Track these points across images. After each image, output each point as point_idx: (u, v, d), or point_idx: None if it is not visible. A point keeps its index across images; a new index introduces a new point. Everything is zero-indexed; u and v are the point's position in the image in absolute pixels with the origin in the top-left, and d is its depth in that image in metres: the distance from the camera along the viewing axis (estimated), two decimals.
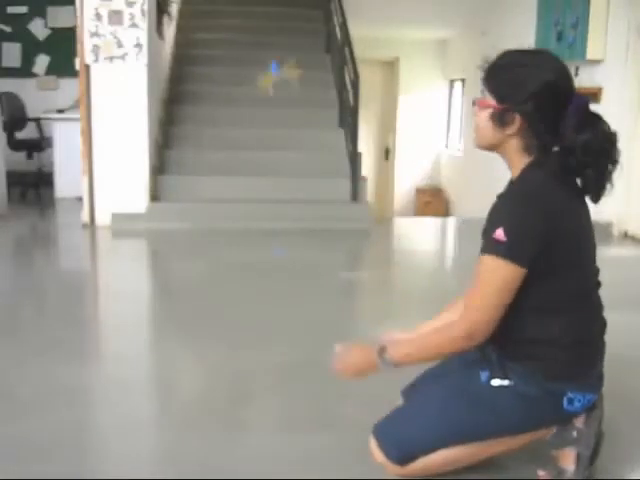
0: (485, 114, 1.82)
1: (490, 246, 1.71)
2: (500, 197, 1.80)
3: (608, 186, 1.80)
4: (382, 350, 1.82)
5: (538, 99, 1.74)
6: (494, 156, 1.89)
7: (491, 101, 1.81)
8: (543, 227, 1.70)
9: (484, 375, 1.85)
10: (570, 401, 1.80)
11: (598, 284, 1.90)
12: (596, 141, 1.75)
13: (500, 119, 1.79)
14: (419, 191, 10.49)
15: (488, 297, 1.71)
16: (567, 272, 1.77)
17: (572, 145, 1.72)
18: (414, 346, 1.84)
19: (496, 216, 1.73)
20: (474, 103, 1.87)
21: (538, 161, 1.78)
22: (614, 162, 1.80)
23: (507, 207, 1.75)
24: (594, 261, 1.88)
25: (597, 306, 1.89)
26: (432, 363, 2.00)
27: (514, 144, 1.80)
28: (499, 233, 1.67)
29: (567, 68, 1.81)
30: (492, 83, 1.83)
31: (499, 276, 1.70)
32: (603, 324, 1.90)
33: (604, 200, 1.85)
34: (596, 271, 1.89)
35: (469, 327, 1.72)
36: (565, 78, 1.79)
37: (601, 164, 1.77)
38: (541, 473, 1.91)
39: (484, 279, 1.72)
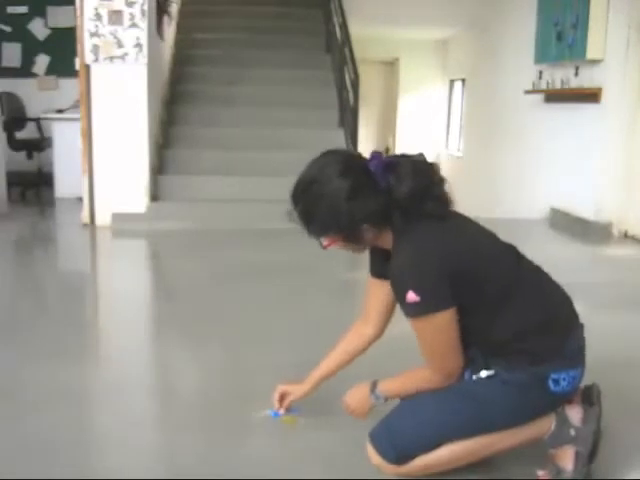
0: (341, 244, 1.89)
1: (410, 310, 1.79)
2: (393, 264, 1.84)
3: (450, 200, 1.86)
4: (373, 385, 1.98)
5: (355, 204, 1.77)
6: (494, 156, 1.89)
7: (333, 238, 1.87)
8: (443, 263, 1.76)
9: (467, 373, 1.89)
10: (556, 382, 1.82)
11: (521, 258, 1.93)
12: (414, 183, 1.79)
13: (354, 239, 1.87)
14: None
15: (438, 350, 1.82)
16: (491, 274, 1.83)
17: (400, 201, 1.78)
18: (402, 387, 1.96)
19: (399, 283, 1.80)
20: (323, 247, 1.92)
21: (397, 225, 1.82)
22: (440, 180, 1.85)
23: (403, 268, 1.80)
24: (504, 245, 1.93)
25: (539, 278, 1.93)
26: None
27: (372, 234, 1.86)
28: (410, 296, 1.75)
29: (341, 153, 1.90)
30: (317, 231, 1.87)
31: (433, 331, 1.80)
32: (561, 295, 1.93)
33: (604, 200, 1.87)
34: (512, 249, 1.93)
35: (442, 375, 1.85)
36: (350, 165, 1.82)
37: (432, 192, 1.82)
38: (540, 473, 1.91)
39: (425, 339, 1.82)
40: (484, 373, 1.86)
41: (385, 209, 1.80)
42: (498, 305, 1.83)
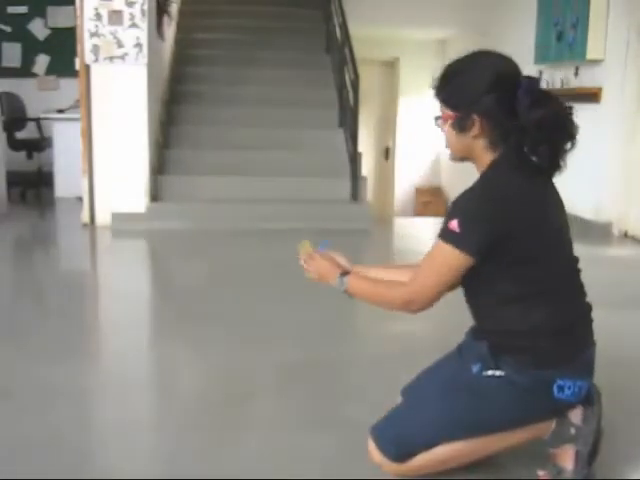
0: (448, 126, 1.90)
1: (444, 233, 1.81)
2: (465, 191, 1.85)
3: (562, 164, 1.83)
4: (344, 273, 2.04)
5: (486, 95, 1.80)
6: None
7: (448, 112, 1.89)
8: (499, 220, 1.76)
9: (476, 367, 1.88)
10: (560, 388, 1.81)
11: (578, 271, 1.93)
12: (549, 116, 1.77)
13: (460, 125, 1.86)
14: (419, 191, 10.49)
15: (432, 276, 1.84)
16: (537, 261, 1.82)
17: (526, 123, 1.77)
18: (367, 287, 2.01)
19: (455, 207, 1.82)
20: (436, 120, 1.95)
21: (501, 155, 1.84)
22: (570, 136, 1.81)
23: (466, 200, 1.82)
24: (570, 248, 1.92)
25: (577, 292, 1.92)
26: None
27: (480, 144, 1.86)
28: (453, 224, 1.77)
29: (506, 57, 1.90)
30: (442, 96, 1.91)
31: (446, 261, 1.81)
32: (586, 309, 1.92)
33: (604, 200, 1.88)
34: (574, 259, 1.93)
35: (409, 296, 1.87)
36: (506, 67, 1.86)
37: (556, 140, 1.80)
38: (541, 473, 1.91)
39: (432, 260, 1.85)
40: (492, 372, 1.85)
41: (502, 118, 1.79)
42: (533, 293, 1.82)
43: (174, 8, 7.13)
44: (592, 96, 5.82)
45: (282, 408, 2.43)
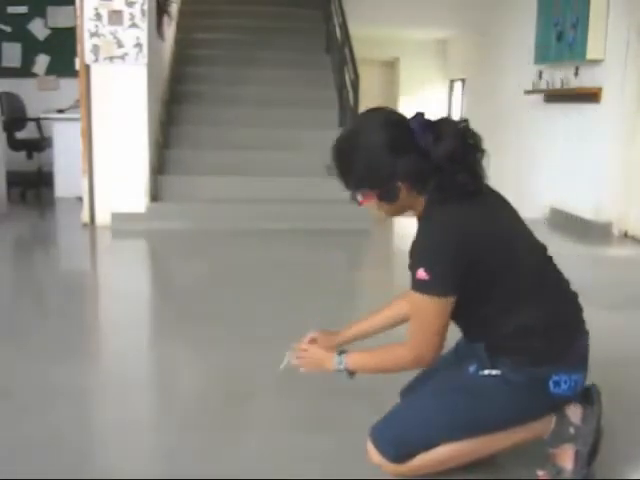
0: (375, 203, 1.89)
1: (416, 285, 1.79)
2: (416, 234, 1.85)
3: (484, 175, 1.84)
4: (341, 351, 2.00)
5: (396, 159, 1.78)
6: (493, 156, 1.89)
7: (367, 193, 1.86)
8: (460, 251, 1.76)
9: (472, 368, 1.90)
10: (556, 384, 1.82)
11: (550, 259, 1.93)
12: (455, 145, 1.77)
13: (388, 197, 1.85)
14: None
15: (426, 329, 1.81)
16: (510, 271, 1.82)
17: (438, 160, 1.77)
18: (368, 358, 1.96)
19: (415, 254, 1.82)
20: (358, 203, 1.92)
21: (430, 192, 1.83)
22: (477, 149, 1.82)
23: (421, 246, 1.81)
24: (533, 240, 1.92)
25: (558, 284, 1.92)
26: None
27: (410, 197, 1.85)
28: (421, 273, 1.76)
29: (381, 109, 1.89)
30: (354, 183, 1.88)
31: (430, 310, 1.79)
32: (572, 298, 1.93)
33: (604, 200, 1.88)
34: (541, 249, 1.93)
35: (416, 355, 1.83)
36: (390, 118, 1.84)
37: (469, 162, 1.80)
38: (540, 473, 1.91)
39: (418, 315, 1.82)
40: (488, 372, 1.86)
41: (421, 169, 1.79)
42: (516, 299, 1.83)
43: (174, 8, 7.13)
44: (592, 96, 5.82)
45: (282, 408, 2.43)
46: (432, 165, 1.78)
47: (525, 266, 1.85)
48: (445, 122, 1.83)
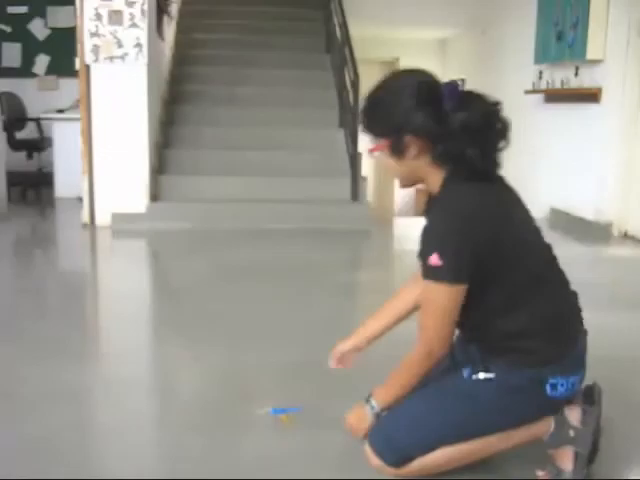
0: (386, 156, 1.86)
1: (428, 272, 1.76)
2: (428, 218, 1.82)
3: (498, 161, 1.83)
4: (368, 397, 1.94)
5: (413, 112, 1.77)
6: None
7: (380, 142, 1.85)
8: (475, 236, 1.73)
9: (466, 372, 1.89)
10: (553, 387, 1.81)
11: (555, 259, 1.91)
12: (473, 117, 1.75)
13: (396, 151, 1.82)
14: (419, 191, 10.48)
15: (438, 317, 1.78)
16: (518, 264, 1.80)
17: (452, 127, 1.75)
18: (394, 385, 1.91)
19: (428, 240, 1.77)
20: (370, 153, 1.91)
21: (450, 171, 1.80)
22: (500, 134, 1.81)
23: (437, 229, 1.77)
24: (541, 239, 1.90)
25: (560, 284, 1.91)
26: None
27: (424, 163, 1.82)
28: (434, 259, 1.72)
29: (421, 70, 1.88)
30: (369, 127, 1.88)
31: (443, 298, 1.76)
32: (572, 299, 1.92)
33: (604, 200, 1.87)
34: (547, 248, 1.91)
35: (427, 346, 1.80)
36: (424, 79, 1.84)
37: (484, 140, 1.78)
38: (540, 473, 1.91)
39: (430, 303, 1.79)
40: (483, 375, 1.85)
41: (431, 129, 1.76)
42: (517, 297, 1.81)
43: (174, 8, 7.13)
44: (592, 96, 5.81)
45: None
46: (446, 131, 1.75)
47: (533, 262, 1.84)
48: (478, 97, 1.81)
